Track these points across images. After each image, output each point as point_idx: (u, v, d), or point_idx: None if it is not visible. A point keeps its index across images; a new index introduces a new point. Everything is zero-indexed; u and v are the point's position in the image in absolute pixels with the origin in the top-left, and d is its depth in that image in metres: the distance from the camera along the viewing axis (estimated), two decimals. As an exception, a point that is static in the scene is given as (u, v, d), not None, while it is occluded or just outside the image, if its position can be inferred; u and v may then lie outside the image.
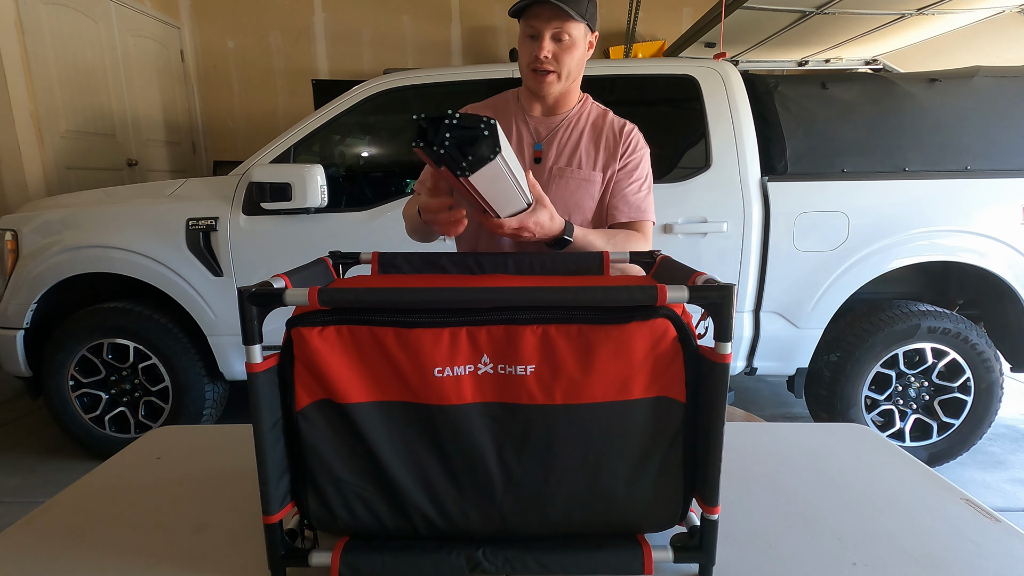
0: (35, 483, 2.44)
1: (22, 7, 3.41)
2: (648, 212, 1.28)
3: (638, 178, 1.27)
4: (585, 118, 1.27)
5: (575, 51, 1.16)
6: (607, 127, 1.27)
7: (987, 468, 2.51)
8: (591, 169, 1.24)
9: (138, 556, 0.80)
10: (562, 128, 1.26)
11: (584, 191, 1.24)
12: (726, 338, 0.67)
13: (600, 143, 1.25)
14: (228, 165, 3.05)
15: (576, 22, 1.13)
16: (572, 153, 1.24)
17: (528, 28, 1.15)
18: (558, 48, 1.15)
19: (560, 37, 1.14)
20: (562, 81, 1.19)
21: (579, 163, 1.24)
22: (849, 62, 3.48)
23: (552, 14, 1.11)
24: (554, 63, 1.16)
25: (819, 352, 2.45)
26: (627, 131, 1.27)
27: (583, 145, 1.25)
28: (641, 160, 1.27)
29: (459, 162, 0.80)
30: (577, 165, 1.24)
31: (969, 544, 0.80)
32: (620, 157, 1.25)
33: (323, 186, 2.28)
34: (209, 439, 1.18)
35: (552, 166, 1.24)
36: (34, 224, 2.47)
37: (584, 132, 1.26)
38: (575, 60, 1.17)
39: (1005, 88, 2.36)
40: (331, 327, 0.69)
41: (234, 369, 2.50)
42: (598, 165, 1.24)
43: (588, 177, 1.23)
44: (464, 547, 0.73)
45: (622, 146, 1.25)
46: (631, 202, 1.25)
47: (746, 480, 0.98)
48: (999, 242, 2.29)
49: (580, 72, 1.22)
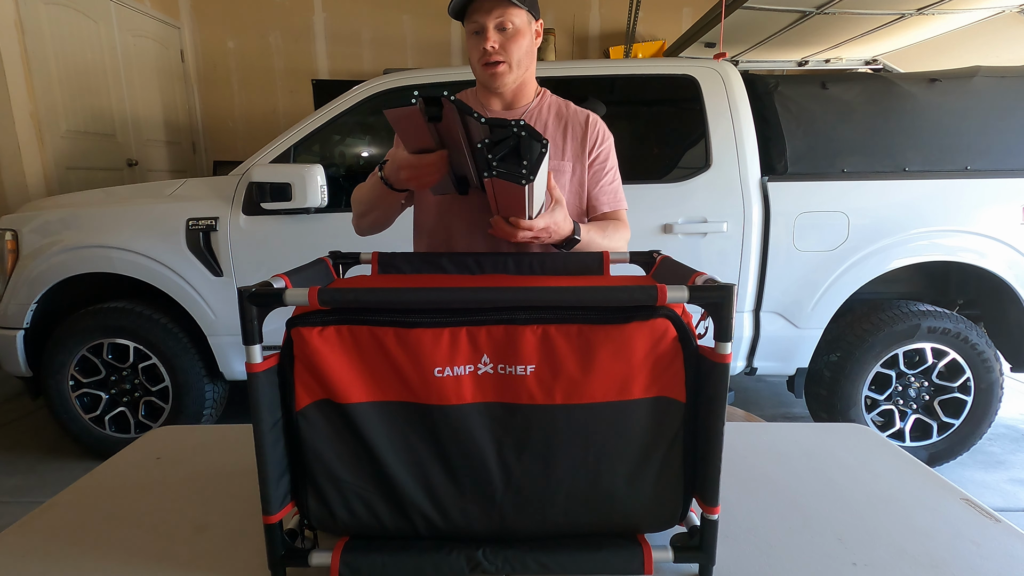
0: (35, 483, 2.44)
1: (22, 7, 3.41)
2: (623, 199, 1.29)
3: (611, 168, 1.28)
4: (547, 109, 1.27)
5: (521, 39, 1.17)
6: (571, 117, 1.27)
7: (987, 468, 2.51)
8: (560, 159, 1.24)
9: (138, 556, 0.80)
10: (526, 119, 1.27)
11: (557, 182, 1.24)
12: (726, 338, 0.67)
13: (567, 132, 1.25)
14: (228, 165, 3.05)
15: (517, 8, 1.14)
16: None
17: (472, 24, 1.17)
18: (503, 38, 1.16)
19: (504, 26, 1.14)
20: (513, 71, 1.19)
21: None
22: (849, 62, 3.48)
23: (492, 5, 1.13)
24: (502, 53, 1.16)
25: (819, 352, 2.45)
26: (592, 122, 1.27)
27: (549, 134, 1.25)
28: (610, 149, 1.28)
29: (518, 170, 0.78)
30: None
31: (969, 544, 0.80)
32: (591, 149, 1.25)
33: (323, 186, 2.28)
34: (209, 439, 1.18)
35: None
36: (34, 224, 2.46)
37: (548, 122, 1.26)
38: (523, 48, 1.18)
39: (1005, 88, 2.36)
40: (331, 327, 0.69)
41: (234, 369, 2.50)
42: (567, 154, 1.25)
43: (558, 167, 1.24)
44: (464, 547, 0.73)
45: (590, 137, 1.25)
46: (609, 192, 1.27)
47: (746, 480, 0.98)
48: (999, 242, 2.29)
49: (531, 62, 1.23)
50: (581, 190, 1.26)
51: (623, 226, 1.25)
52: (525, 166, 0.79)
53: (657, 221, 2.33)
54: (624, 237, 1.23)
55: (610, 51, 4.63)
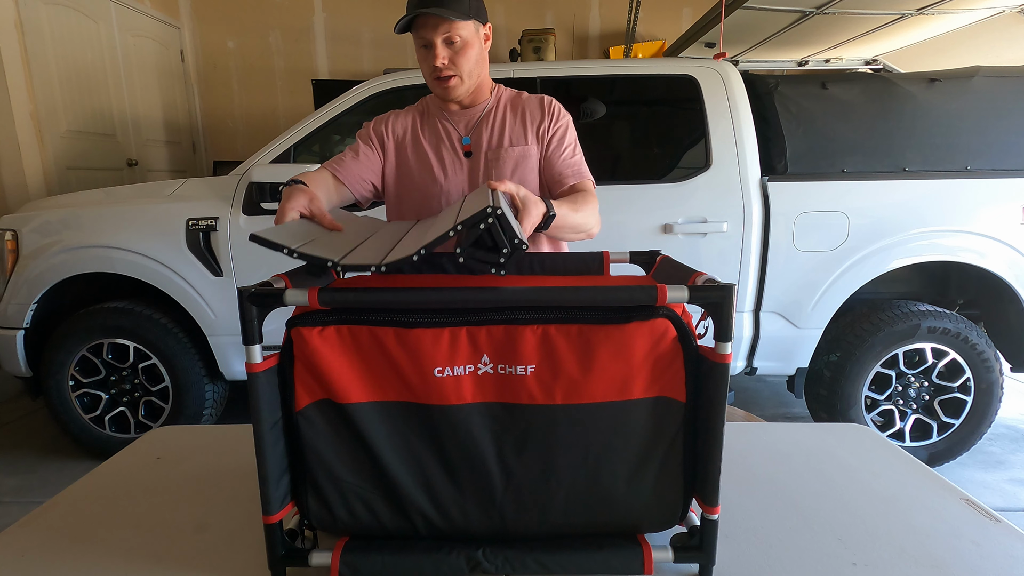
0: (35, 483, 2.44)
1: (22, 7, 3.40)
2: (587, 172, 1.29)
3: (570, 143, 1.29)
4: (504, 102, 1.31)
5: (470, 51, 1.18)
6: (524, 103, 1.30)
7: (987, 468, 2.51)
8: (524, 143, 1.27)
9: (138, 556, 0.80)
10: (485, 116, 1.29)
11: (524, 166, 1.27)
12: (726, 338, 0.67)
13: (525, 118, 1.28)
14: (228, 165, 3.05)
15: (463, 22, 1.15)
16: (501, 134, 1.27)
17: (419, 39, 1.18)
18: (452, 52, 1.17)
19: (451, 40, 1.16)
20: (465, 82, 1.22)
21: (511, 141, 1.27)
22: (849, 62, 3.48)
23: (438, 21, 1.14)
24: (453, 67, 1.18)
25: (819, 352, 2.45)
26: (547, 102, 1.30)
27: (508, 124, 1.28)
28: (567, 126, 1.30)
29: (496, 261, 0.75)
30: (510, 143, 1.27)
31: (969, 544, 0.80)
32: (548, 126, 1.28)
33: (323, 186, 2.28)
34: (209, 439, 1.18)
35: (486, 151, 1.27)
36: (34, 224, 2.46)
37: (506, 113, 1.29)
38: (472, 60, 1.20)
39: (1005, 88, 2.36)
40: (331, 327, 0.69)
41: (234, 369, 2.50)
42: (530, 138, 1.27)
43: (525, 153, 1.26)
44: (464, 547, 0.73)
45: (547, 116, 1.28)
46: (571, 165, 1.27)
47: (746, 480, 0.98)
48: (999, 242, 2.29)
49: (484, 67, 1.26)
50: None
51: (591, 196, 1.25)
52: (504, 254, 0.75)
53: (657, 221, 2.33)
54: (594, 210, 1.22)
55: (610, 51, 4.62)
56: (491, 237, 0.74)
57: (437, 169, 1.27)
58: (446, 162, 1.28)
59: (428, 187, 1.28)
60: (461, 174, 1.28)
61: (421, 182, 1.28)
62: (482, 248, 0.76)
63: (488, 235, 0.74)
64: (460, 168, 1.28)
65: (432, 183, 1.27)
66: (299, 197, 0.95)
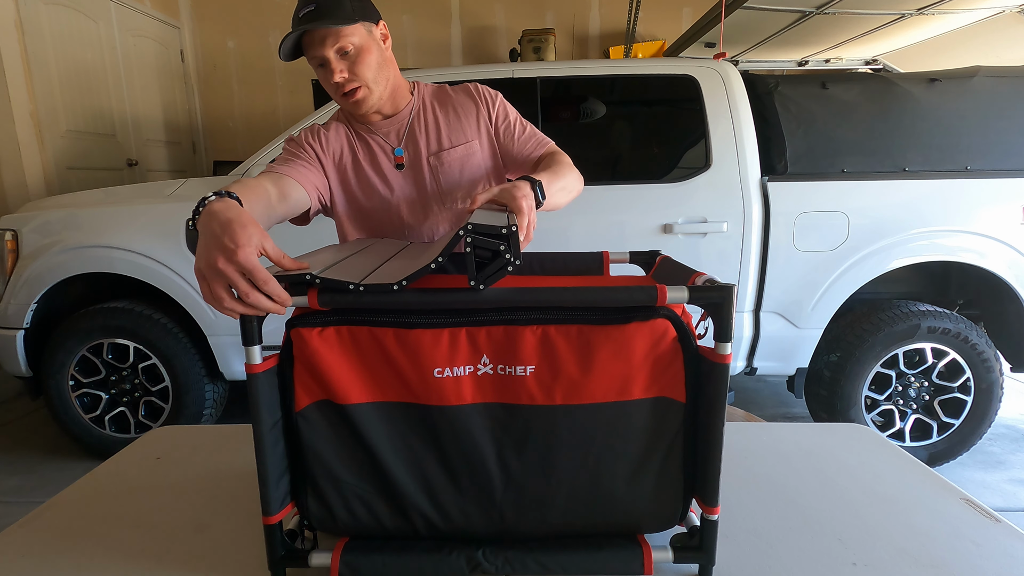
0: (35, 483, 2.44)
1: (22, 7, 3.40)
2: (544, 137, 1.23)
3: (515, 119, 1.23)
4: (429, 101, 1.23)
5: (368, 56, 1.08)
6: (451, 98, 1.23)
7: (987, 468, 2.51)
8: (465, 140, 1.19)
9: (138, 556, 0.80)
10: (413, 120, 1.20)
11: (471, 164, 1.20)
12: (726, 338, 0.67)
13: (458, 112, 1.21)
14: (228, 165, 3.05)
15: (349, 27, 1.05)
16: (439, 136, 1.19)
17: (313, 60, 1.09)
18: (348, 62, 1.08)
19: (344, 50, 1.06)
20: (374, 90, 1.12)
21: (452, 141, 1.19)
22: (849, 62, 3.48)
23: (323, 34, 1.04)
24: (355, 78, 1.09)
25: (819, 352, 2.45)
26: (475, 89, 1.23)
27: (442, 123, 1.20)
28: (505, 105, 1.24)
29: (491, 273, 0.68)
30: (451, 144, 1.19)
31: (969, 544, 0.80)
32: (488, 114, 1.21)
33: (323, 186, 2.28)
34: (209, 439, 1.18)
35: (428, 157, 1.19)
36: (34, 224, 2.46)
37: (436, 112, 1.21)
38: (373, 65, 1.10)
39: (1005, 88, 2.36)
40: (331, 328, 0.69)
41: (234, 369, 2.50)
42: (470, 133, 1.20)
43: (469, 150, 1.19)
44: (464, 547, 0.73)
45: (482, 105, 1.21)
46: (529, 139, 1.22)
47: (746, 480, 0.98)
48: (999, 242, 2.29)
49: (390, 68, 1.15)
50: (495, 159, 1.23)
51: (559, 154, 1.18)
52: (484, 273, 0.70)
53: (657, 221, 2.33)
54: (567, 162, 1.13)
55: (610, 51, 4.62)
56: (493, 254, 0.70)
57: (382, 187, 1.19)
58: (388, 178, 1.19)
59: (379, 206, 1.20)
60: (407, 186, 1.19)
61: (371, 203, 1.20)
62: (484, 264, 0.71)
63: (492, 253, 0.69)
64: (404, 180, 1.19)
65: (381, 201, 1.19)
66: (252, 235, 0.69)
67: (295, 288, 0.67)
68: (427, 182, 1.19)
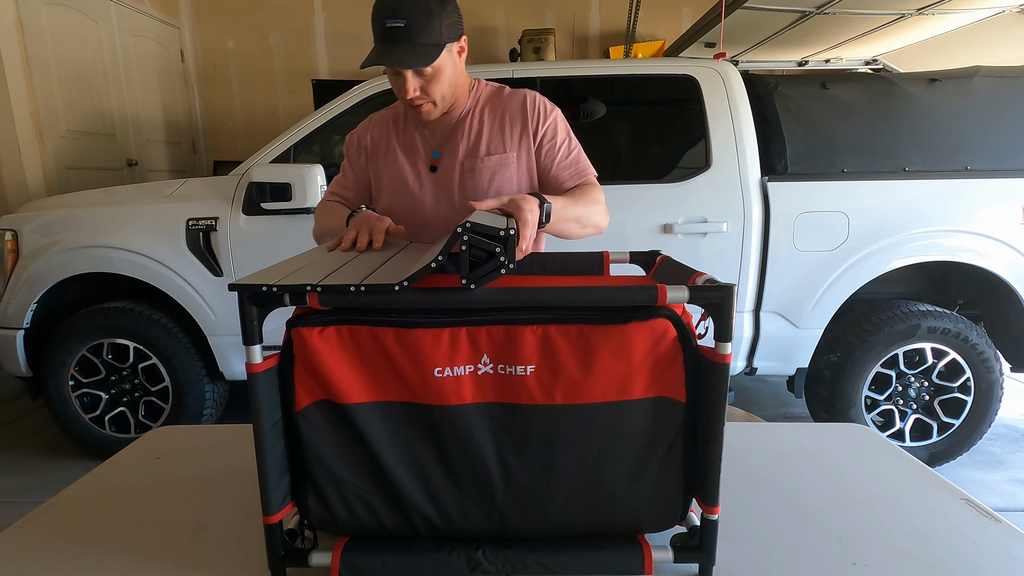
0: (35, 483, 2.44)
1: (22, 7, 3.40)
2: (589, 169, 1.22)
3: (563, 141, 1.21)
4: (483, 103, 1.22)
5: (442, 76, 1.10)
6: (506, 104, 1.21)
7: (987, 468, 2.51)
8: (503, 152, 1.19)
9: (138, 556, 0.80)
10: (461, 121, 1.21)
11: (502, 175, 1.19)
12: (726, 338, 0.67)
13: (504, 122, 1.20)
14: (228, 165, 3.05)
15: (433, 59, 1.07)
16: (479, 141, 1.19)
17: (390, 68, 1.10)
18: (424, 81, 1.09)
19: (422, 73, 1.08)
20: (440, 106, 1.15)
21: (488, 150, 1.19)
22: (849, 62, 3.48)
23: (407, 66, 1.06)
24: (424, 96, 1.11)
25: (819, 352, 2.45)
26: (531, 101, 1.20)
27: (487, 129, 1.20)
28: (557, 124, 1.21)
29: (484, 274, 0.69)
30: (487, 152, 1.19)
31: (969, 544, 0.80)
32: (535, 130, 1.19)
33: (323, 186, 2.28)
34: (209, 439, 1.18)
35: (462, 160, 1.19)
36: (34, 224, 2.46)
37: (484, 117, 1.21)
38: (446, 83, 1.12)
39: (1005, 88, 2.36)
40: (331, 327, 0.69)
41: (234, 369, 2.50)
42: (509, 146, 1.19)
43: (503, 161, 1.18)
44: (464, 547, 0.73)
45: (532, 119, 1.19)
46: (569, 167, 1.20)
47: (746, 480, 0.98)
48: (999, 242, 2.29)
49: (460, 80, 1.17)
50: (531, 175, 1.22)
51: (593, 188, 1.18)
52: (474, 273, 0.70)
53: (657, 221, 2.33)
54: (598, 201, 1.15)
55: (610, 51, 4.62)
56: (488, 255, 0.69)
57: (412, 181, 1.21)
58: (421, 174, 1.21)
59: (406, 199, 1.22)
60: (436, 186, 1.21)
61: (399, 194, 1.23)
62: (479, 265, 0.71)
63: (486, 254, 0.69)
64: (434, 180, 1.21)
65: (408, 195, 1.21)
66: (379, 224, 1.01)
67: (296, 297, 0.67)
68: (455, 185, 1.19)
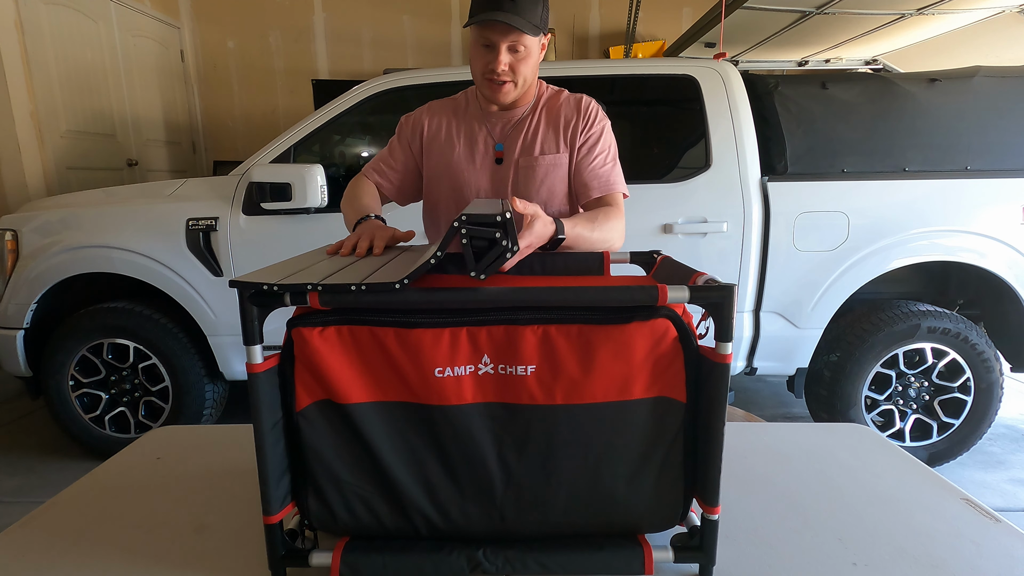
0: (35, 483, 2.44)
1: (22, 7, 3.40)
2: (618, 184, 1.25)
3: (602, 150, 1.25)
4: (543, 103, 1.27)
5: (530, 60, 1.16)
6: (562, 105, 1.26)
7: (987, 468, 2.51)
8: (556, 152, 1.24)
9: (138, 556, 0.80)
10: (523, 119, 1.26)
11: (555, 176, 1.24)
12: (726, 338, 0.67)
13: (559, 123, 1.25)
14: (228, 165, 3.05)
15: (532, 35, 1.12)
16: (534, 141, 1.24)
17: (482, 38, 1.14)
18: (514, 59, 1.15)
19: (516, 48, 1.13)
20: (519, 88, 1.19)
21: (543, 150, 1.24)
22: (849, 62, 3.48)
23: (508, 28, 1.11)
24: (511, 73, 1.16)
25: (819, 352, 2.45)
26: (584, 104, 1.25)
27: (542, 131, 1.25)
28: (602, 132, 1.26)
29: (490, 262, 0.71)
30: (541, 152, 1.24)
31: (969, 544, 0.80)
32: (581, 131, 1.24)
33: (323, 186, 2.28)
34: (209, 439, 1.18)
35: (518, 159, 1.24)
36: (34, 224, 2.46)
37: (542, 118, 1.26)
38: (531, 68, 1.17)
39: (1005, 88, 2.36)
40: (331, 327, 0.69)
41: (234, 369, 2.50)
42: (562, 146, 1.24)
43: (556, 161, 1.23)
44: (464, 547, 0.73)
45: (582, 121, 1.24)
46: (599, 176, 1.24)
47: (746, 480, 0.98)
48: (999, 242, 2.29)
49: (536, 74, 1.23)
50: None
51: (615, 212, 1.20)
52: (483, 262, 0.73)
53: (657, 221, 2.33)
54: (616, 227, 1.17)
55: (610, 51, 4.63)
56: (490, 243, 0.71)
57: (468, 171, 1.26)
58: (477, 166, 1.26)
59: (459, 187, 1.26)
60: (492, 178, 1.26)
61: (453, 182, 1.26)
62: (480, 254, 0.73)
63: (488, 241, 0.71)
64: (490, 174, 1.26)
65: (463, 185, 1.25)
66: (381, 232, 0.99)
67: (296, 296, 0.68)
68: (509, 180, 1.24)
